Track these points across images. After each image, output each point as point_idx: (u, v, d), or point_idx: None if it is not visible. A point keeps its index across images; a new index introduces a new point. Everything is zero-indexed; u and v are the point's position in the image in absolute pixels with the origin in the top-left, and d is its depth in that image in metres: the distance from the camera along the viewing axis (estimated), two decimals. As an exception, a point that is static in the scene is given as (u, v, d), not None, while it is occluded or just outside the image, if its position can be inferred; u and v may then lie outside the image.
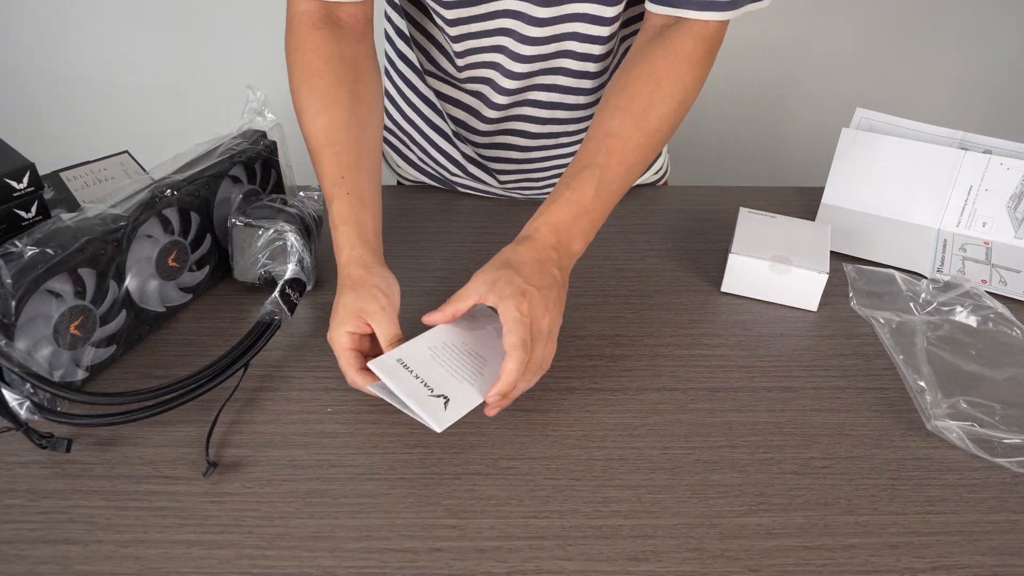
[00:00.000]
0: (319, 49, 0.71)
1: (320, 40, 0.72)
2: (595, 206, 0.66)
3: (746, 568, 0.54)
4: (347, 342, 0.63)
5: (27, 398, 0.60)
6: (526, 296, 0.59)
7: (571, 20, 0.75)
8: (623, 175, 0.68)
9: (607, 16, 0.74)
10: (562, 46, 0.77)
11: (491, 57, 0.79)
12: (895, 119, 0.92)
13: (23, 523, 0.56)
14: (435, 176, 0.99)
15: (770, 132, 1.76)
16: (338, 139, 0.70)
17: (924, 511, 0.58)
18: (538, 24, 0.74)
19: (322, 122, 0.70)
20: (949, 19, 1.64)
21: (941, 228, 0.91)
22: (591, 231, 0.67)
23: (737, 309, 0.79)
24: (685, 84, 0.69)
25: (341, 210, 0.68)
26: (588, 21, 0.75)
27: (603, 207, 0.67)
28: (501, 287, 0.60)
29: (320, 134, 0.70)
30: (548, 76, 0.80)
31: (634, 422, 0.66)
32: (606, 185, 0.67)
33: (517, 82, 0.80)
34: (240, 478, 0.60)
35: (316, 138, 0.70)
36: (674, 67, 0.69)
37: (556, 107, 0.84)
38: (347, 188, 0.68)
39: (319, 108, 0.70)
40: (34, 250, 0.61)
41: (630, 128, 0.68)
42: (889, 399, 0.68)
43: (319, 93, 0.71)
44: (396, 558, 0.54)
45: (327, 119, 0.70)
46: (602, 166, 0.67)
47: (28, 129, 1.75)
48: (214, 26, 1.64)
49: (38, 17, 1.64)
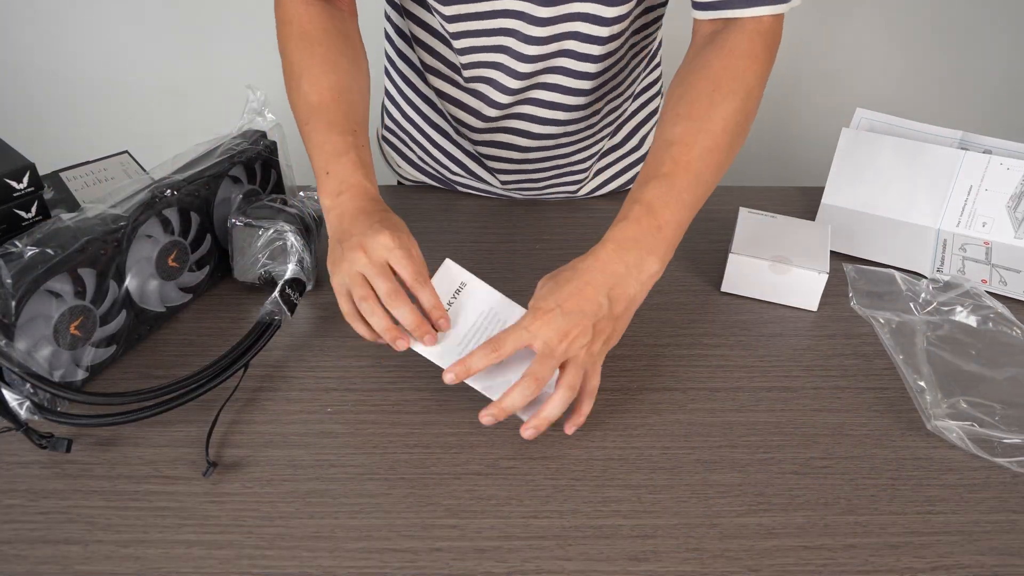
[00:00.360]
0: (316, 20, 0.71)
1: (316, 12, 0.72)
2: (667, 218, 0.62)
3: (746, 568, 0.54)
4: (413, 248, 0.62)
5: (27, 398, 0.60)
6: (547, 315, 0.59)
7: (572, 20, 0.75)
8: (693, 183, 0.63)
9: (608, 17, 0.74)
10: (563, 46, 0.77)
11: (493, 57, 0.79)
12: (895, 119, 0.92)
13: (23, 523, 0.56)
14: (435, 176, 0.99)
15: (770, 132, 1.76)
16: (346, 99, 0.68)
17: (924, 511, 0.58)
18: (540, 24, 0.74)
19: (329, 81, 0.69)
20: (949, 20, 1.64)
21: (941, 228, 0.91)
22: (667, 248, 0.62)
23: (737, 309, 0.79)
24: (746, 82, 0.66)
25: (362, 157, 0.66)
26: (589, 21, 0.75)
27: (676, 218, 0.62)
28: (538, 292, 0.61)
29: (326, 92, 0.68)
30: (549, 75, 0.80)
31: (634, 422, 0.66)
32: (675, 195, 0.62)
33: (520, 81, 0.80)
34: (240, 478, 0.60)
35: (320, 94, 0.68)
36: (731, 65, 0.66)
37: (556, 107, 0.84)
38: (362, 141, 0.67)
39: (323, 70, 0.69)
40: (34, 250, 0.61)
41: (693, 133, 0.64)
42: (889, 399, 0.68)
43: (321, 58, 0.70)
44: (396, 558, 0.54)
45: (333, 79, 0.69)
46: (668, 175, 0.63)
47: (28, 129, 1.75)
48: (214, 26, 1.64)
49: (38, 17, 1.64)
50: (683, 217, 0.63)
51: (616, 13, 0.74)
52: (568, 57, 0.78)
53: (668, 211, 0.62)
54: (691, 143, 0.64)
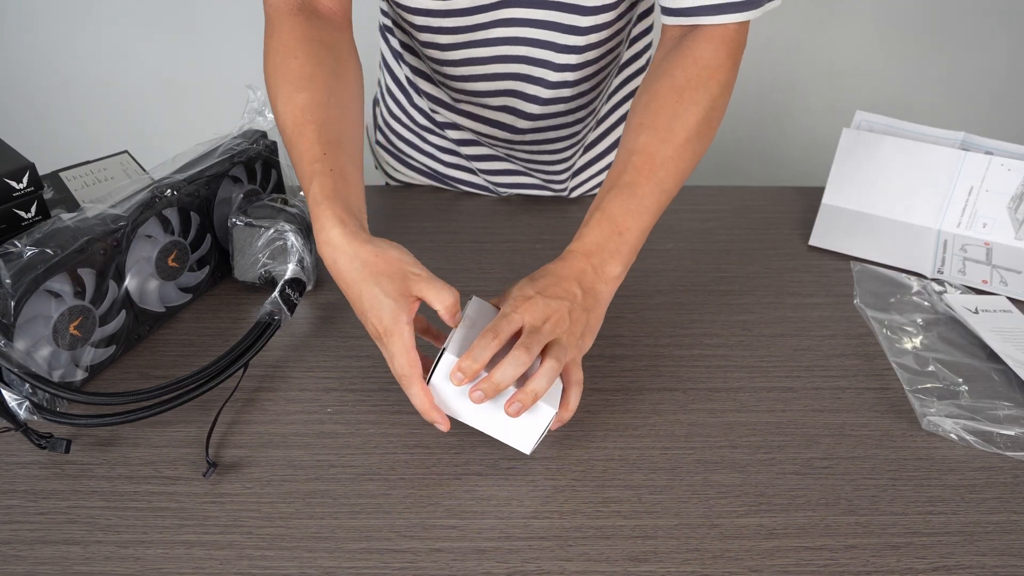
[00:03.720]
0: (295, 31, 0.68)
1: (296, 23, 0.69)
2: (627, 224, 0.64)
3: (747, 569, 0.54)
4: (409, 334, 0.57)
5: (26, 398, 0.60)
6: (528, 301, 0.59)
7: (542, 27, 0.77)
8: (655, 190, 0.65)
9: (580, 26, 0.75)
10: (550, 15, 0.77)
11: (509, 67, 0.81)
12: (895, 121, 0.92)
13: (23, 523, 0.56)
14: (426, 172, 1.00)
15: (771, 133, 1.76)
16: (317, 117, 0.64)
17: (925, 511, 0.58)
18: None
19: (300, 100, 0.65)
20: (950, 22, 1.64)
21: (942, 229, 0.91)
22: (629, 252, 0.64)
23: (737, 309, 0.79)
24: (709, 91, 0.67)
25: (324, 186, 0.60)
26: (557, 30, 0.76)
27: (638, 225, 0.64)
28: (514, 291, 0.60)
29: (298, 112, 0.64)
30: (536, 49, 0.80)
31: (634, 422, 0.66)
32: (636, 202, 0.64)
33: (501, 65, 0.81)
34: (240, 478, 0.60)
35: (293, 116, 0.64)
36: (695, 76, 0.67)
37: (542, 84, 0.83)
38: (330, 165, 0.62)
39: (294, 88, 0.65)
40: (34, 250, 0.61)
41: (656, 143, 0.65)
42: (890, 399, 0.68)
43: (295, 73, 0.66)
44: (396, 559, 0.54)
45: (306, 97, 0.65)
46: (631, 184, 0.64)
47: (28, 129, 1.75)
48: (214, 26, 1.65)
49: (38, 17, 1.64)
50: (645, 223, 0.65)
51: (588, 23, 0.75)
52: (555, 30, 0.78)
53: (630, 218, 0.64)
54: (653, 153, 0.65)
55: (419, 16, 0.76)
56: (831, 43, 1.66)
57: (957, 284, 0.82)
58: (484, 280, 0.82)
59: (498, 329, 0.57)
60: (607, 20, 0.77)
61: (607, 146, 0.97)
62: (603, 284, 0.63)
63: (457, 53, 0.80)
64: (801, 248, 0.90)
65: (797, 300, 0.81)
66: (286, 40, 0.68)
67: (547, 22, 0.76)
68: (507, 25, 0.77)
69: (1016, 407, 0.67)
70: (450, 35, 0.78)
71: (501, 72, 0.81)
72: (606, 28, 0.78)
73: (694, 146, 0.67)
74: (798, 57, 1.67)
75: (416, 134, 0.98)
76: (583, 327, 0.61)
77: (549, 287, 0.60)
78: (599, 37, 0.78)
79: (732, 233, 0.93)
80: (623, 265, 0.64)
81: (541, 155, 0.93)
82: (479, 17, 0.76)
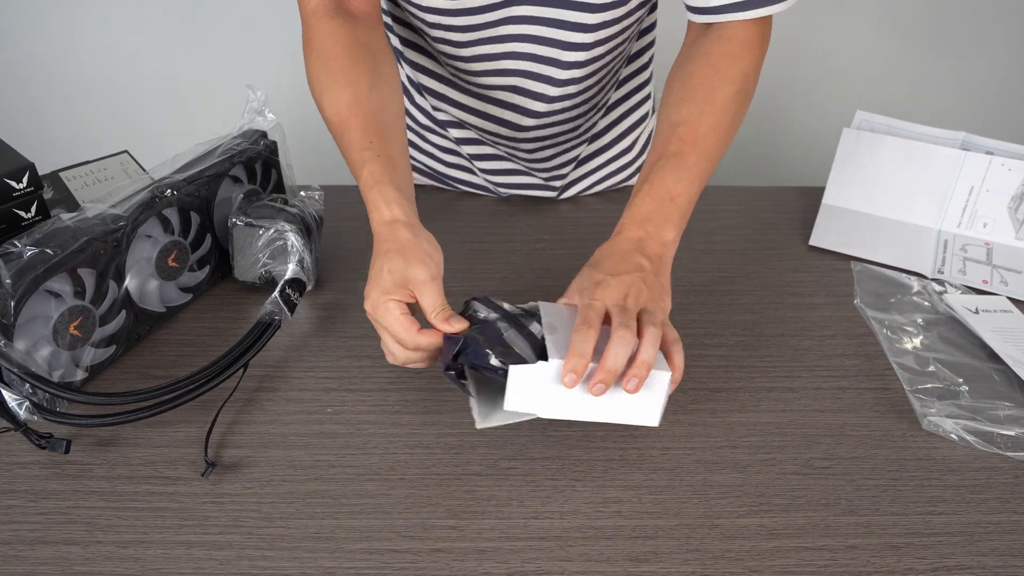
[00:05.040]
0: (335, 35, 0.72)
1: (335, 27, 0.72)
2: (678, 191, 0.66)
3: (747, 569, 0.54)
4: (396, 310, 0.59)
5: (26, 398, 0.60)
6: (600, 285, 0.60)
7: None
8: (701, 158, 0.67)
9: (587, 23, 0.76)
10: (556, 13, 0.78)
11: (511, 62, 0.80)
12: (895, 121, 0.92)
13: (23, 524, 0.56)
14: (426, 171, 1.00)
15: (771, 133, 1.76)
16: (362, 109, 0.69)
17: (925, 512, 0.58)
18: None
19: (345, 96, 0.69)
20: (950, 22, 1.64)
21: (942, 229, 0.91)
22: (681, 217, 0.66)
23: (738, 309, 0.79)
24: (743, 67, 0.70)
25: (374, 171, 0.65)
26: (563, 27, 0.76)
27: (687, 191, 0.66)
28: (581, 283, 0.61)
29: (343, 108, 0.69)
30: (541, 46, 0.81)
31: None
32: (685, 170, 0.66)
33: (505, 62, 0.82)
34: (240, 479, 0.60)
35: (339, 113, 0.69)
36: (729, 51, 0.70)
37: (546, 81, 0.84)
38: (377, 151, 0.66)
39: (340, 86, 0.70)
40: (34, 250, 0.61)
41: (698, 115, 0.68)
42: (890, 399, 0.68)
43: (338, 73, 0.70)
44: (396, 559, 0.54)
45: (350, 93, 0.69)
46: (678, 154, 0.67)
47: (28, 129, 1.75)
48: (214, 26, 1.64)
49: (38, 17, 1.64)
50: (694, 190, 0.67)
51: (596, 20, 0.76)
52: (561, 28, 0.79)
53: (680, 185, 0.66)
54: (696, 123, 0.68)
55: (431, 15, 0.77)
56: (832, 43, 1.66)
57: (957, 284, 0.82)
58: (484, 280, 0.82)
59: (589, 320, 0.56)
60: (615, 16, 0.77)
61: (613, 137, 0.97)
62: (663, 248, 0.65)
63: (469, 50, 0.81)
64: (801, 248, 0.90)
65: (797, 300, 0.81)
66: (326, 43, 0.72)
67: (555, 20, 0.76)
68: (517, 23, 0.77)
69: (1016, 407, 0.67)
70: (461, 33, 0.79)
71: (511, 68, 0.82)
72: (614, 24, 0.78)
73: (732, 118, 0.70)
74: (798, 57, 1.67)
75: (417, 133, 0.98)
76: (660, 290, 0.63)
77: (615, 266, 0.62)
78: (607, 33, 0.78)
79: (732, 233, 0.93)
80: (677, 229, 0.66)
81: (544, 151, 0.93)
82: (489, 15, 0.77)
